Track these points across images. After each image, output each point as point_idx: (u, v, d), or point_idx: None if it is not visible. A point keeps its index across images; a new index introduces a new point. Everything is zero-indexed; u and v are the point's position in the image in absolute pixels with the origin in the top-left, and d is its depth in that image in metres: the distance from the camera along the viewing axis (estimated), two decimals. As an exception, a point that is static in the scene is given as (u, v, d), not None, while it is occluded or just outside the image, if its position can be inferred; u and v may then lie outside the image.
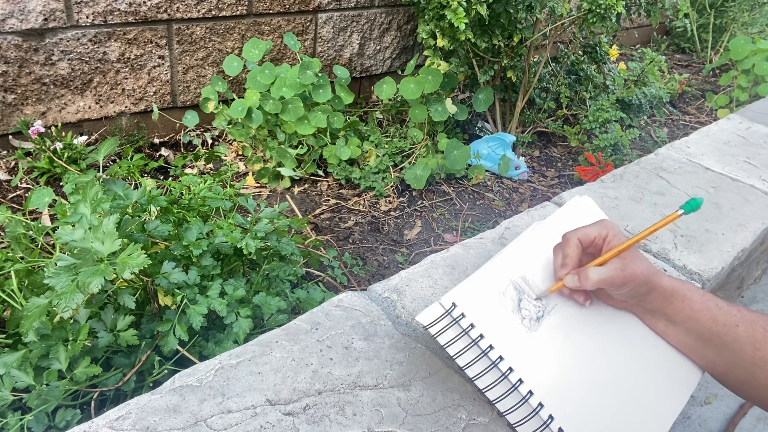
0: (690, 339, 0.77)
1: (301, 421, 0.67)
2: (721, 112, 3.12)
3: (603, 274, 0.72)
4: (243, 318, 1.02)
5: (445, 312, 0.71)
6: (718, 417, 1.27)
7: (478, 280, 0.75)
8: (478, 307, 0.72)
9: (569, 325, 0.76)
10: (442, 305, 0.71)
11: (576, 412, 0.69)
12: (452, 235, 1.89)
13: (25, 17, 1.72)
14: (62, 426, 0.87)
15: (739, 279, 1.45)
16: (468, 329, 0.69)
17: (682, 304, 0.75)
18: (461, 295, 0.72)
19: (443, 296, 0.72)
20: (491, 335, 0.70)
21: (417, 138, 2.23)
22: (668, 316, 0.77)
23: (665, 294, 0.75)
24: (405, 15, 2.62)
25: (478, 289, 0.74)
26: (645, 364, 0.78)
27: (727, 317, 0.73)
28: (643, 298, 0.76)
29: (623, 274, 0.72)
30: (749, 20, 3.80)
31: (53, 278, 0.82)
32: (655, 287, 0.74)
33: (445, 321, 0.71)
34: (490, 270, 0.76)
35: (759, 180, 1.45)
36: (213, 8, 2.05)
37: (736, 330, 0.72)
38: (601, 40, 2.57)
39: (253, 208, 1.21)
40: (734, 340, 0.72)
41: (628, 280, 0.72)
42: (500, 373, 0.68)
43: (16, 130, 1.86)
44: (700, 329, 0.75)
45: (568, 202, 0.92)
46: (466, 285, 0.73)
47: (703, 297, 0.75)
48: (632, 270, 0.72)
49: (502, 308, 0.73)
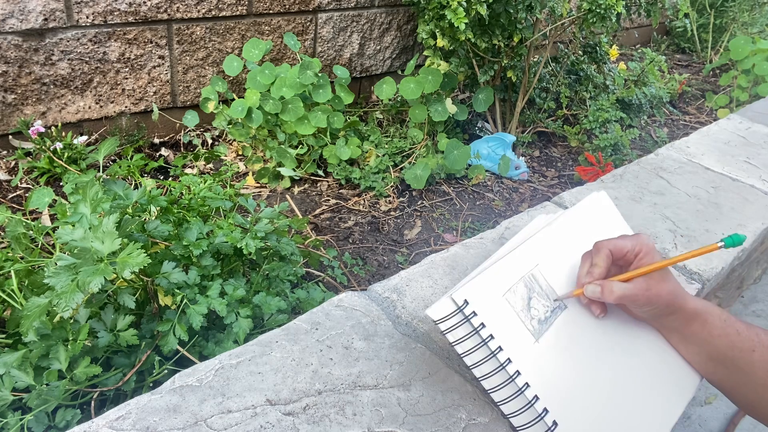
0: (702, 358, 0.77)
1: (301, 421, 0.67)
2: (721, 112, 3.12)
3: (627, 290, 0.71)
4: (243, 318, 1.02)
5: (457, 309, 0.69)
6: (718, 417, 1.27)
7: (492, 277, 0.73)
8: (490, 305, 0.70)
9: (577, 329, 0.76)
10: (455, 301, 0.70)
11: (579, 418, 0.69)
12: (452, 235, 1.89)
13: (25, 17, 1.72)
14: (62, 426, 0.87)
15: (739, 279, 1.45)
16: (479, 328, 0.69)
17: (702, 328, 0.74)
18: (474, 293, 0.70)
19: (455, 291, 0.71)
20: (500, 336, 0.69)
21: (417, 138, 2.23)
22: (685, 335, 0.77)
23: (687, 316, 0.74)
24: (405, 15, 2.62)
25: (491, 287, 0.72)
26: (647, 369, 0.77)
27: (745, 343, 0.72)
28: (665, 319, 0.76)
29: (647, 294, 0.71)
30: (749, 20, 3.80)
31: (53, 278, 0.82)
32: (678, 310, 0.74)
33: (456, 318, 0.70)
34: (503, 266, 0.75)
35: (759, 180, 1.45)
36: (213, 8, 2.05)
37: (752, 355, 0.72)
38: (601, 40, 2.57)
39: (253, 208, 1.21)
40: (748, 363, 0.72)
41: (652, 301, 0.72)
42: (508, 375, 0.68)
43: (16, 130, 1.86)
44: (714, 352, 0.75)
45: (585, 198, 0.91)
46: (480, 282, 0.72)
47: (725, 323, 0.74)
48: (657, 291, 0.71)
49: (513, 308, 0.72)
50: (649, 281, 0.71)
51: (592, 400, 0.71)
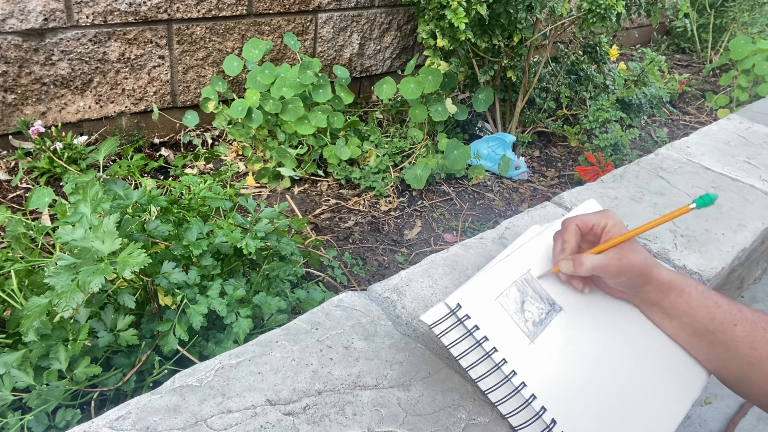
0: (685, 333, 0.77)
1: (301, 421, 0.67)
2: (721, 112, 3.12)
3: (597, 261, 0.73)
4: (243, 318, 1.02)
5: (450, 312, 0.70)
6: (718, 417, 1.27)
7: (484, 281, 0.74)
8: (483, 308, 0.71)
9: (573, 329, 0.76)
10: (448, 305, 0.71)
11: (579, 415, 0.69)
12: (452, 235, 1.89)
13: (25, 17, 1.72)
14: (62, 426, 0.87)
15: (739, 279, 1.45)
16: (473, 330, 0.69)
17: (679, 298, 0.75)
18: (466, 296, 0.71)
19: (449, 296, 0.72)
20: (495, 338, 0.70)
21: (417, 138, 2.23)
22: (665, 309, 0.77)
23: (662, 287, 0.75)
24: (405, 15, 2.62)
25: (483, 291, 0.73)
26: (650, 367, 0.77)
27: (726, 316, 0.73)
28: (640, 290, 0.76)
29: (618, 263, 0.72)
30: (749, 20, 3.80)
31: (53, 277, 0.82)
32: (652, 279, 0.74)
33: (449, 321, 0.70)
34: (496, 272, 0.76)
35: (759, 180, 1.45)
36: (213, 8, 2.05)
37: (734, 329, 0.72)
38: (601, 40, 2.57)
39: (253, 208, 1.21)
40: (731, 338, 0.72)
41: (624, 270, 0.73)
42: (503, 375, 0.68)
43: (16, 130, 1.86)
44: (696, 325, 0.75)
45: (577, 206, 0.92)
46: (472, 286, 0.73)
47: (703, 294, 0.74)
48: (628, 260, 0.72)
49: (506, 310, 0.73)
50: (619, 252, 0.72)
51: (592, 398, 0.71)
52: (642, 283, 0.75)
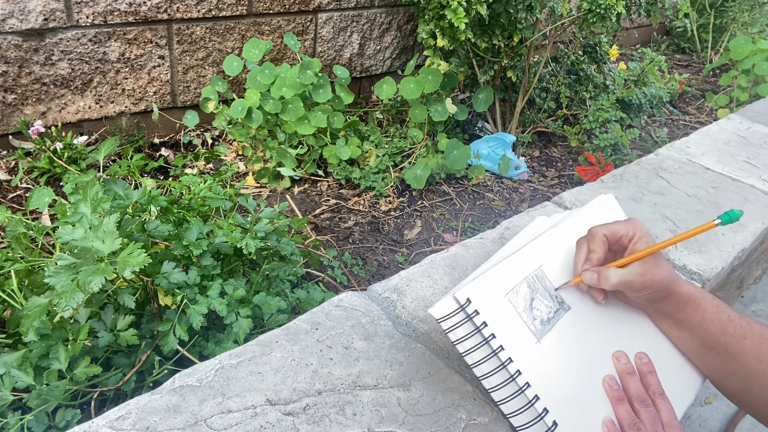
0: (694, 344, 0.77)
1: (301, 421, 0.67)
2: (721, 112, 3.12)
3: (623, 276, 0.71)
4: (243, 318, 1.02)
5: (459, 307, 0.69)
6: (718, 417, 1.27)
7: (495, 277, 0.73)
8: (492, 305, 0.70)
9: (580, 329, 0.75)
10: (457, 300, 0.69)
11: (580, 418, 0.69)
12: (452, 235, 1.89)
13: (25, 17, 1.72)
14: (62, 426, 0.87)
15: (739, 279, 1.45)
16: (481, 327, 0.68)
17: (695, 312, 0.75)
18: (476, 292, 0.70)
19: (458, 291, 0.70)
20: (502, 335, 0.69)
21: (417, 138, 2.23)
22: (678, 320, 0.77)
23: (680, 300, 0.75)
24: (405, 15, 2.62)
25: (493, 287, 0.72)
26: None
27: (737, 329, 0.73)
28: (659, 303, 0.76)
29: (643, 279, 0.71)
30: (749, 20, 3.80)
31: (53, 277, 0.82)
32: (672, 294, 0.74)
33: (458, 317, 0.70)
34: (506, 266, 0.75)
35: (759, 180, 1.45)
36: (213, 8, 2.05)
37: (743, 342, 0.72)
38: (601, 40, 2.57)
39: (253, 208, 1.21)
40: (739, 351, 0.72)
41: (648, 285, 0.72)
42: (509, 375, 0.68)
43: (16, 130, 1.86)
44: (708, 337, 0.75)
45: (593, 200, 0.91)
46: (482, 281, 0.71)
47: (717, 308, 0.74)
48: (652, 276, 0.71)
49: (515, 308, 0.72)
50: (644, 266, 0.71)
51: (595, 401, 0.71)
52: (662, 297, 0.75)
